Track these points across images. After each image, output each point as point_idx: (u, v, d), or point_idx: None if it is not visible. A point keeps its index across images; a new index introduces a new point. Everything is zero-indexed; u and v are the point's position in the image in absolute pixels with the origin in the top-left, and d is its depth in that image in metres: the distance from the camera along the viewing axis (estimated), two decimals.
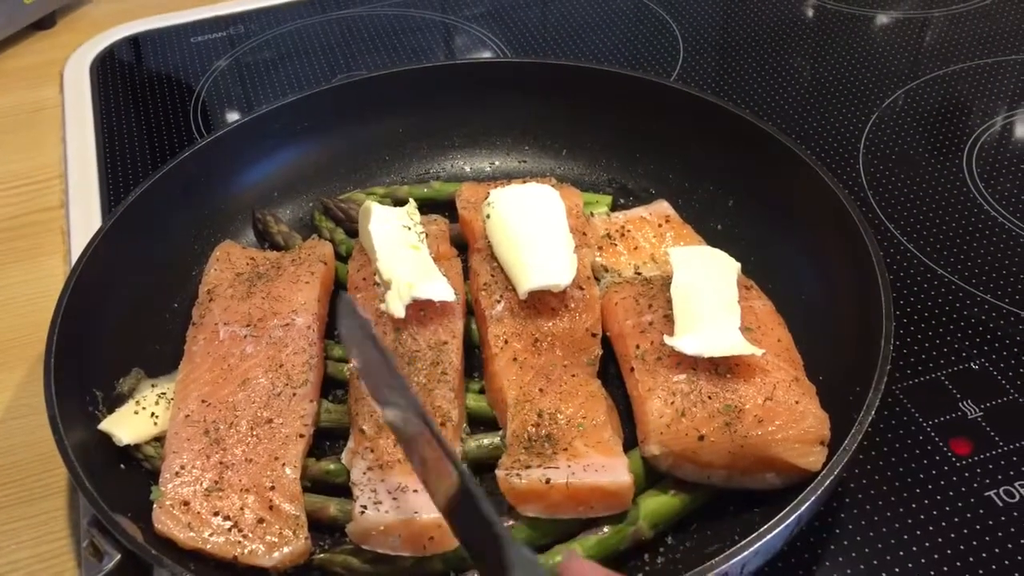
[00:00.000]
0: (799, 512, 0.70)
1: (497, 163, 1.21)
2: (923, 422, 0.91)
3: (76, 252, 1.14)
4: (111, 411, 0.89)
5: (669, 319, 0.88)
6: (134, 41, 1.54)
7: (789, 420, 0.79)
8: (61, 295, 0.91)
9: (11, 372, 1.03)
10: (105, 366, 0.92)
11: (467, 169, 1.21)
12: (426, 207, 1.10)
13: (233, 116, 1.39)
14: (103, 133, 1.34)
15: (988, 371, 0.95)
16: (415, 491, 0.79)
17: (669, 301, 0.89)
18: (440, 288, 0.91)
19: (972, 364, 0.96)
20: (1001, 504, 0.84)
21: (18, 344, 1.06)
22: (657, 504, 0.81)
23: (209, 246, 1.06)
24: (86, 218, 1.20)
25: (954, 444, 0.89)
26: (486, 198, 1.01)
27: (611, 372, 0.93)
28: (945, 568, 0.80)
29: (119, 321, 0.96)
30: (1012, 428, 0.90)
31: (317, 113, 1.17)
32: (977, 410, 0.92)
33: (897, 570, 0.80)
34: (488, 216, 0.99)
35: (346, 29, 1.55)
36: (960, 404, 0.93)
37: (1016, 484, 0.85)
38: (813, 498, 0.71)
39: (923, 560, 0.81)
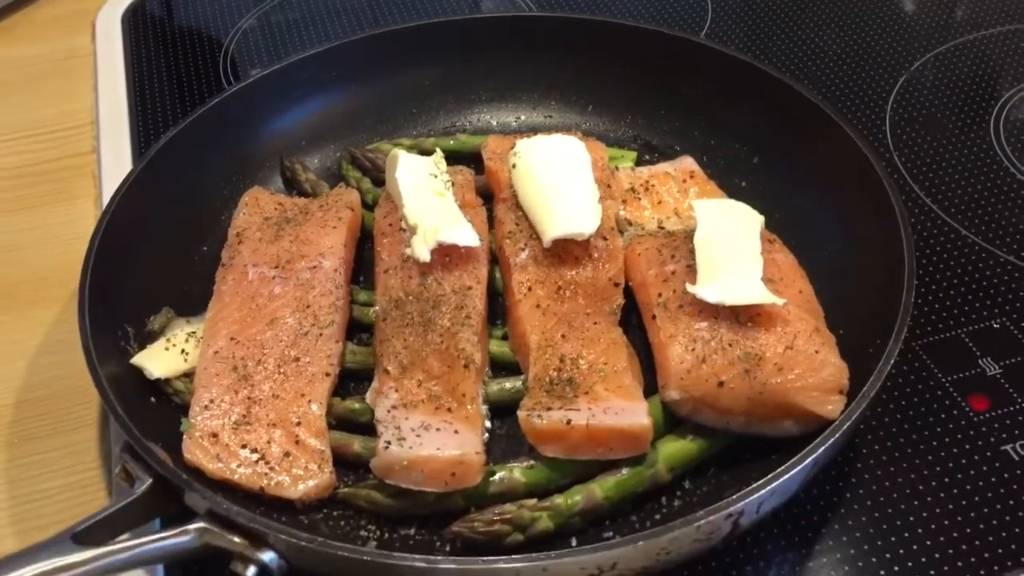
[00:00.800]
0: (816, 455, 0.71)
1: (523, 117, 1.22)
2: (942, 378, 0.92)
3: (107, 196, 1.15)
4: (142, 347, 0.91)
5: (691, 269, 0.88)
6: None
7: (808, 369, 0.80)
8: (94, 234, 0.92)
9: (45, 310, 1.06)
10: (136, 304, 0.94)
11: (493, 123, 1.22)
12: (452, 159, 1.10)
13: (266, 65, 1.40)
14: (134, 82, 1.36)
15: (1009, 330, 0.96)
16: (438, 429, 0.81)
17: (692, 252, 0.90)
18: (465, 233, 0.92)
19: (993, 323, 0.97)
20: (1017, 458, 0.85)
21: (51, 284, 1.08)
22: (675, 448, 0.82)
23: (238, 191, 1.07)
24: (117, 163, 1.22)
25: (972, 400, 0.90)
26: (512, 148, 1.02)
27: (632, 322, 0.94)
28: (959, 518, 0.81)
29: (150, 261, 0.98)
30: None
31: (345, 63, 1.18)
32: (996, 367, 0.92)
33: (912, 519, 0.81)
34: (514, 166, 0.99)
35: None
36: (980, 361, 0.93)
37: None
38: (831, 441, 0.72)
39: (937, 510, 0.82)
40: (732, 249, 0.88)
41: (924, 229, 1.07)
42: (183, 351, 0.89)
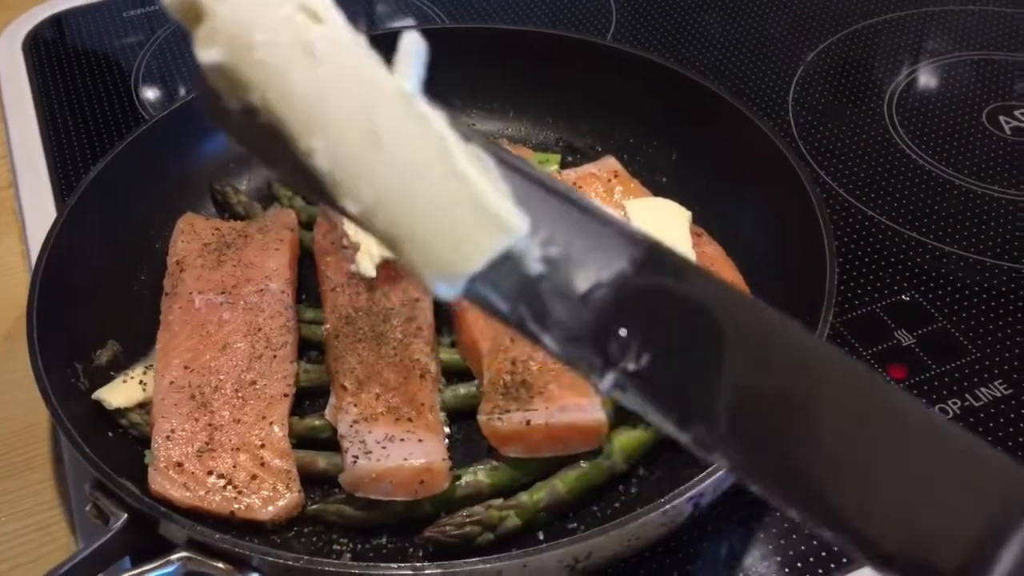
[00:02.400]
0: None
1: None
2: (863, 351, 0.99)
3: (31, 231, 1.15)
4: (92, 382, 0.91)
5: None
6: (65, 17, 1.53)
7: None
8: (34, 275, 0.91)
9: None
10: (82, 340, 0.94)
11: None
12: None
13: (174, 89, 1.40)
14: (44, 111, 1.34)
15: (919, 302, 1.03)
16: (402, 440, 0.83)
17: None
18: None
19: (904, 296, 1.04)
20: None
21: None
22: (629, 438, 0.86)
23: (170, 218, 1.07)
24: (37, 196, 1.20)
25: (891, 369, 0.97)
26: None
27: None
28: None
29: (90, 296, 0.97)
30: (942, 352, 0.98)
31: None
32: (911, 338, 1.00)
33: None
34: None
35: None
36: (895, 333, 1.00)
37: (949, 402, 0.94)
38: None
39: None
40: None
41: (833, 212, 1.15)
42: (141, 382, 0.90)
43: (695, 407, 0.36)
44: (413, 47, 0.40)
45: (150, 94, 1.38)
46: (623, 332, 0.36)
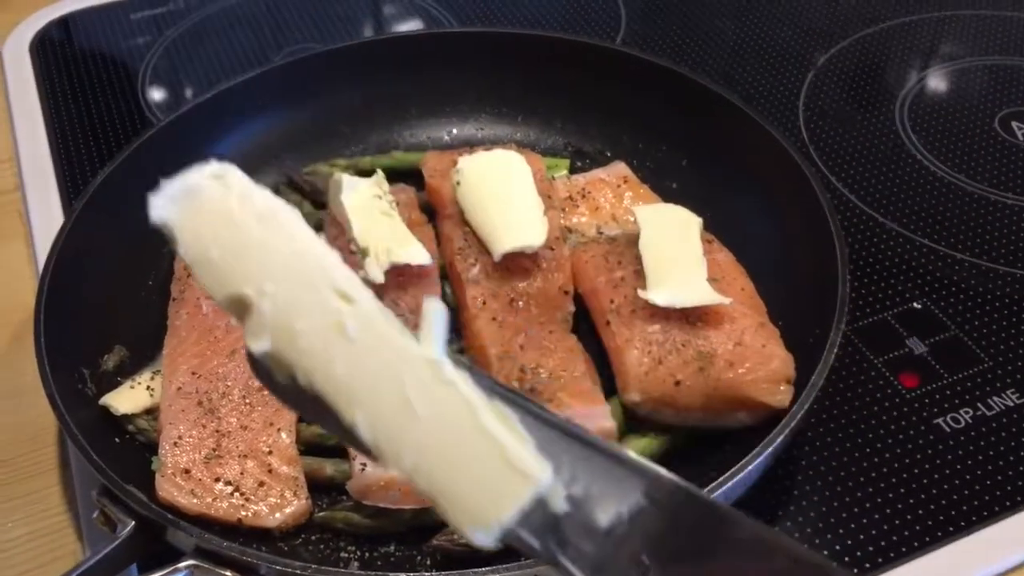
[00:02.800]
0: (776, 443, 0.76)
1: (455, 131, 1.24)
2: (874, 359, 0.98)
3: (38, 234, 1.14)
4: (99, 388, 0.90)
5: (639, 274, 0.92)
6: (72, 20, 1.53)
7: (757, 362, 0.85)
8: (42, 279, 0.91)
9: None
10: (89, 345, 0.93)
11: (425, 138, 1.24)
12: (388, 177, 1.11)
13: (181, 92, 1.39)
14: (51, 113, 1.33)
15: (930, 310, 1.03)
16: None
17: (637, 257, 0.94)
18: (417, 252, 0.94)
19: (915, 304, 1.03)
20: (949, 430, 0.91)
21: None
22: (639, 447, 0.86)
23: None
24: (44, 200, 1.19)
25: (903, 378, 0.96)
26: (453, 166, 1.04)
27: (582, 328, 0.98)
28: (902, 490, 0.87)
29: (97, 301, 0.97)
30: (954, 361, 0.98)
31: (275, 88, 1.18)
32: (922, 346, 0.99)
33: (859, 494, 0.87)
34: (458, 183, 1.02)
35: None
36: (906, 341, 1.00)
37: (961, 411, 0.93)
38: (789, 429, 0.77)
39: (882, 484, 0.87)
40: (676, 252, 0.92)
41: (844, 218, 1.14)
42: (148, 387, 0.89)
43: None
44: (436, 314, 0.44)
45: (158, 96, 1.38)
46: (644, 559, 0.40)
